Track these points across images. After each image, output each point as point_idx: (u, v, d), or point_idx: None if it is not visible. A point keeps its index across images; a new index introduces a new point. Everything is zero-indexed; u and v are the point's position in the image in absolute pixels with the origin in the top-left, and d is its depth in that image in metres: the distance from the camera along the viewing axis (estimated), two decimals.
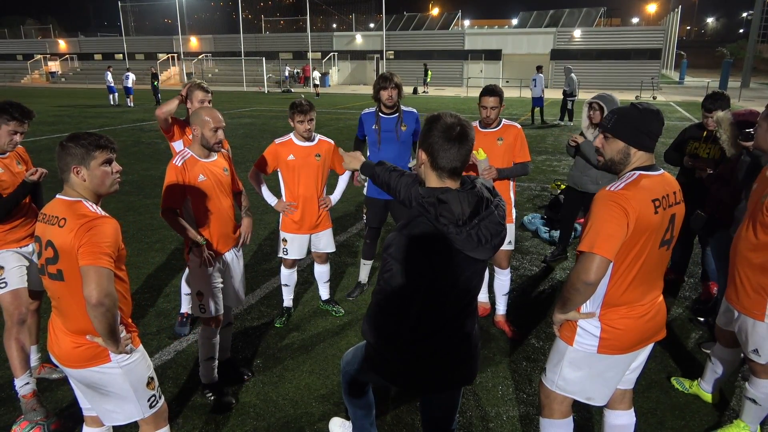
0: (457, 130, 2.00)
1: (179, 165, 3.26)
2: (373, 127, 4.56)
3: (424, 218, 1.98)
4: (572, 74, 17.87)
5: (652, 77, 32.96)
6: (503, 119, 4.23)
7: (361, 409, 2.73)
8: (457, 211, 1.96)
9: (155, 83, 26.31)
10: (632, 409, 2.69)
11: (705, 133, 4.71)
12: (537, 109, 18.52)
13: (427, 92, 33.94)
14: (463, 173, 2.12)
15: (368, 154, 4.73)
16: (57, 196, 2.30)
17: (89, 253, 2.13)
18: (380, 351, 2.26)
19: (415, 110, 4.67)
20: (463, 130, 2.02)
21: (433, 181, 2.08)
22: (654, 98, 28.30)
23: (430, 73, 34.88)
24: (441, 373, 2.25)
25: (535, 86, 18.09)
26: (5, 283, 3.32)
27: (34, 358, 3.67)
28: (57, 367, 3.71)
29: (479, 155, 3.84)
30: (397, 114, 4.54)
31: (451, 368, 2.26)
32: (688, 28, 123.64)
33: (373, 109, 4.65)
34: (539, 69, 18.73)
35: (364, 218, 4.86)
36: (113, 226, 2.23)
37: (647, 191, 2.23)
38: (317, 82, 33.33)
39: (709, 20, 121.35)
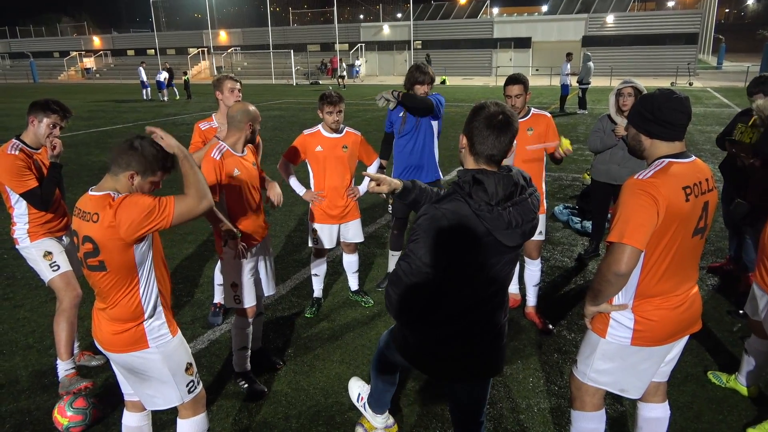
0: (498, 118, 2.03)
1: (217, 158, 3.26)
2: (400, 114, 4.56)
3: (458, 195, 2.02)
4: (589, 62, 17.54)
5: (689, 63, 31.98)
6: (532, 108, 4.17)
7: (383, 383, 2.78)
8: (491, 191, 2.00)
9: (185, 78, 26.64)
10: (666, 402, 2.65)
11: (753, 118, 4.58)
12: (566, 97, 18.44)
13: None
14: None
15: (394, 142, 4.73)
16: (89, 191, 2.36)
17: (158, 219, 2.23)
18: (402, 330, 2.33)
19: (440, 95, 4.63)
20: (505, 120, 2.03)
21: (470, 164, 2.12)
22: (690, 84, 27.47)
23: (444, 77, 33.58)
24: (462, 361, 2.26)
25: (563, 73, 18.08)
26: (57, 266, 3.52)
27: (74, 346, 3.81)
28: (98, 353, 3.86)
29: (564, 144, 4.09)
30: None
31: (473, 358, 2.26)
32: (727, 10, 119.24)
33: None
34: (569, 56, 18.56)
35: (390, 209, 4.87)
36: (139, 195, 2.29)
37: (677, 178, 2.18)
38: (343, 73, 33.19)
39: (750, 2, 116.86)
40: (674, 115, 2.22)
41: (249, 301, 3.48)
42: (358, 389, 3.12)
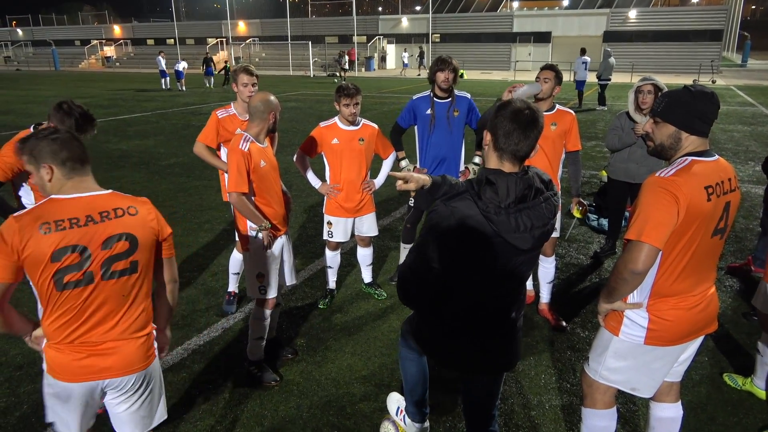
0: (525, 114, 1.99)
1: (246, 150, 3.23)
2: (427, 111, 4.51)
3: (468, 195, 2.01)
4: (610, 58, 17.33)
5: (712, 60, 31.36)
6: (557, 104, 4.15)
7: (411, 376, 2.71)
8: (502, 194, 1.97)
9: (226, 66, 27.13)
10: (679, 402, 2.62)
11: None
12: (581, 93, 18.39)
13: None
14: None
15: (417, 141, 4.69)
16: (85, 195, 2.06)
17: (170, 245, 2.27)
18: (417, 318, 2.37)
19: (468, 95, 4.60)
20: (532, 116, 2.00)
21: (492, 161, 2.08)
22: (713, 82, 26.96)
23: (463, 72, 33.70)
24: (472, 355, 2.26)
25: (585, 68, 17.92)
26: None
27: None
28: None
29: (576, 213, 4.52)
30: (450, 99, 4.49)
31: (483, 352, 2.26)
32: (753, 7, 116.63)
33: (425, 93, 4.59)
34: (584, 51, 18.56)
35: (411, 201, 4.85)
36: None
37: (700, 177, 2.15)
38: (346, 66, 32.75)
39: None
40: (712, 109, 2.21)
41: (273, 292, 3.50)
42: (396, 403, 3.10)
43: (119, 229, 2.05)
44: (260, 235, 3.37)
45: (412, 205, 4.85)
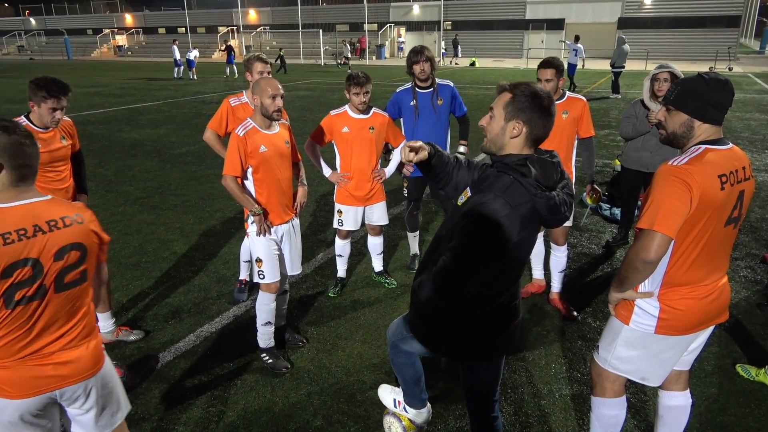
0: (548, 100, 2.07)
1: (241, 135, 3.34)
2: (411, 102, 4.53)
3: (511, 179, 2.02)
4: (624, 45, 17.16)
5: (729, 47, 30.80)
6: (567, 92, 4.11)
7: (410, 377, 2.75)
8: (547, 175, 2.03)
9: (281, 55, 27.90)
10: (688, 391, 2.61)
11: None
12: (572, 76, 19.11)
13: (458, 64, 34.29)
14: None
15: (403, 132, 4.66)
16: (41, 198, 1.96)
17: (106, 250, 2.19)
18: (425, 318, 2.32)
19: (450, 82, 4.60)
20: (550, 99, 2.09)
21: (516, 148, 2.10)
22: (730, 69, 26.51)
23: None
24: (487, 341, 2.27)
25: (575, 55, 18.78)
26: None
27: (110, 323, 3.90)
28: (135, 328, 3.97)
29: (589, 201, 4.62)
30: (432, 88, 4.48)
31: (496, 337, 2.27)
32: None
33: (407, 86, 4.60)
34: (577, 39, 19.45)
35: (405, 192, 4.86)
36: None
37: (713, 166, 2.12)
38: (348, 54, 32.43)
39: None
40: (727, 97, 2.17)
41: (272, 276, 3.53)
42: (392, 395, 3.04)
43: (71, 238, 1.95)
44: (250, 219, 3.45)
45: (406, 195, 4.85)
